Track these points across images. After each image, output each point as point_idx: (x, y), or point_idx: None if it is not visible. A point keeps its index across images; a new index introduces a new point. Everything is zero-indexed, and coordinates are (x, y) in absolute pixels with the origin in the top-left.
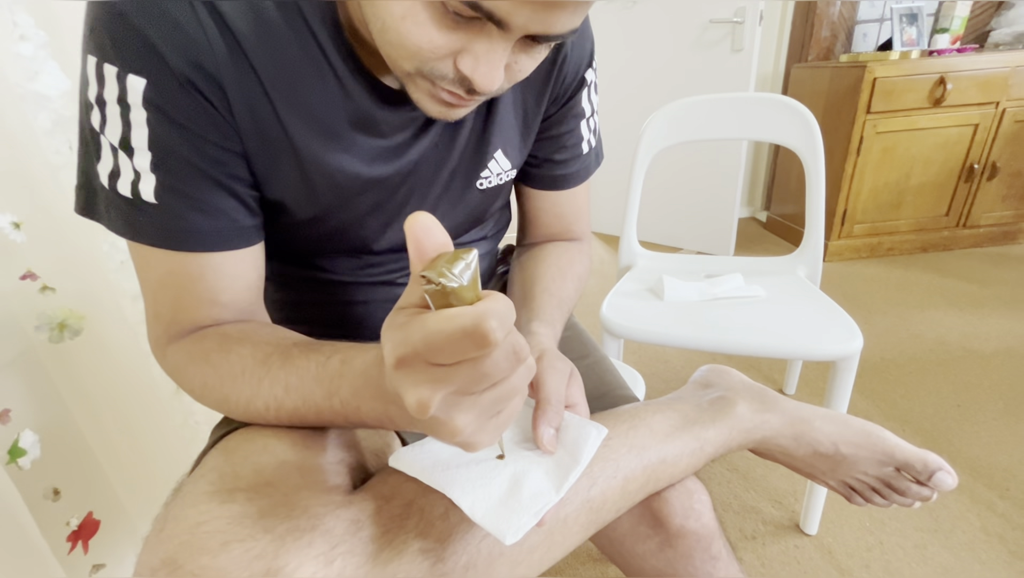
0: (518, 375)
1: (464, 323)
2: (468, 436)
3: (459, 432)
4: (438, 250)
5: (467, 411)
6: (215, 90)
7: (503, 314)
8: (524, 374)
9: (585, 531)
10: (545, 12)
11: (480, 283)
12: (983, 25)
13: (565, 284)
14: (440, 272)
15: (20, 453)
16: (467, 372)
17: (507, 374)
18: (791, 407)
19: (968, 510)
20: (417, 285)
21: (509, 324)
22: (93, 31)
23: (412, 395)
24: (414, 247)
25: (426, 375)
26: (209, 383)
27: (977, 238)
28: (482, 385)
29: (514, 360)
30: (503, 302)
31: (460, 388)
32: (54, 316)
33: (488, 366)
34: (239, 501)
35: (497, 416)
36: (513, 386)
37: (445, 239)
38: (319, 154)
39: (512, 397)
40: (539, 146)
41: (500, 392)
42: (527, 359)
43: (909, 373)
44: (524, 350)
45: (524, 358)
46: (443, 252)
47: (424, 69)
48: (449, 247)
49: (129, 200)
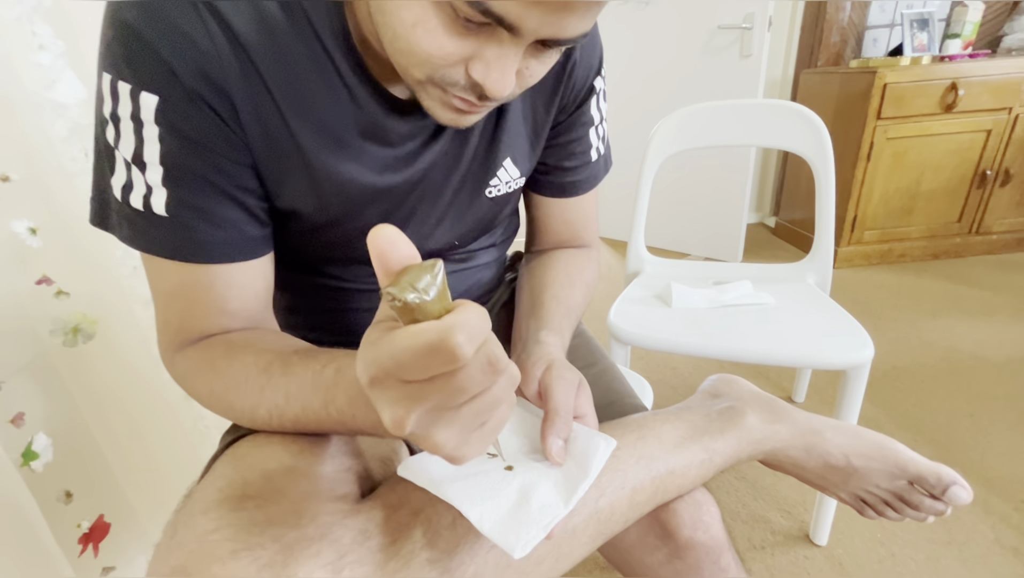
0: (499, 385)
1: (429, 338)
2: (451, 450)
3: (441, 447)
4: (403, 263)
5: (447, 426)
6: (225, 103)
7: (472, 326)
8: (505, 384)
9: (593, 542)
10: (556, 16)
11: (449, 295)
12: (996, 30)
13: (574, 291)
14: (403, 287)
15: (33, 456)
16: (441, 388)
17: (485, 386)
18: (802, 418)
19: (982, 522)
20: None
21: (480, 336)
22: (109, 48)
23: (387, 414)
24: (378, 261)
25: (400, 393)
26: (215, 390)
27: (990, 245)
28: (459, 399)
29: (490, 371)
30: (474, 313)
31: (436, 404)
32: (68, 320)
33: (462, 380)
34: (248, 509)
35: (481, 428)
36: (494, 397)
37: (411, 252)
38: (328, 163)
39: (495, 408)
40: (548, 153)
41: (480, 404)
42: (507, 369)
43: (921, 382)
44: (501, 361)
45: (502, 369)
46: (409, 265)
47: (435, 76)
48: (416, 259)
49: (141, 213)
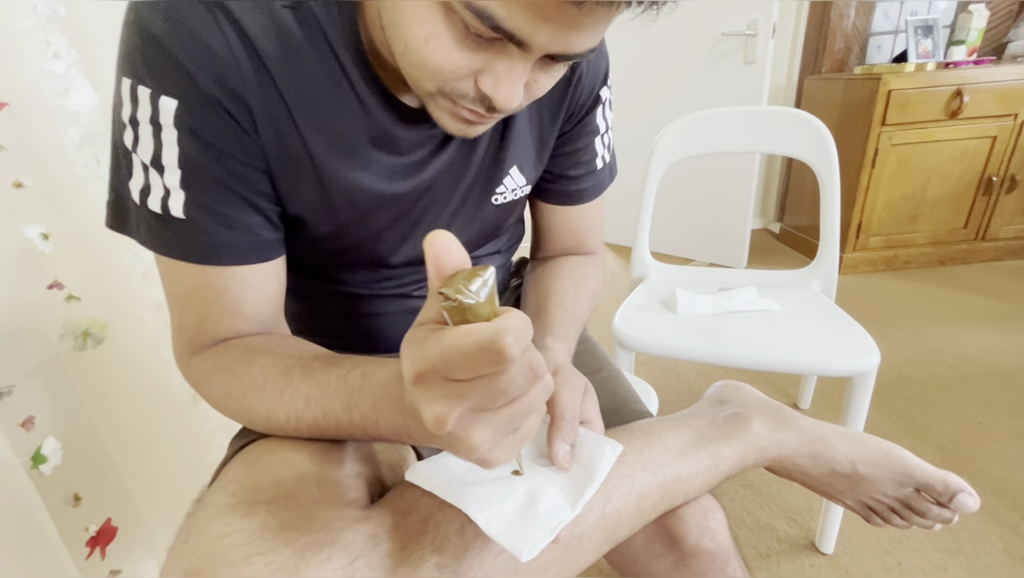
0: (535, 392)
1: (481, 339)
2: (485, 452)
3: (476, 448)
4: (456, 267)
5: (484, 427)
6: (242, 110)
7: (520, 330)
8: (541, 391)
9: (600, 548)
10: (565, 33)
11: (497, 300)
12: (1001, 36)
13: (579, 298)
14: (457, 289)
15: (42, 460)
16: (484, 388)
17: (524, 391)
18: (808, 425)
19: (990, 531)
20: (435, 301)
21: (526, 341)
22: (129, 54)
23: (430, 411)
24: (433, 264)
25: (444, 391)
26: (232, 394)
27: (996, 251)
28: (499, 401)
29: (531, 377)
30: (520, 319)
31: (477, 404)
32: (78, 325)
33: (505, 382)
34: (260, 514)
35: (514, 433)
36: (530, 403)
37: (463, 256)
38: (339, 171)
39: (529, 414)
40: (554, 162)
41: (517, 409)
42: (544, 376)
43: (928, 389)
44: (541, 367)
45: (541, 375)
46: (461, 269)
47: (446, 89)
48: (467, 264)
49: (159, 216)
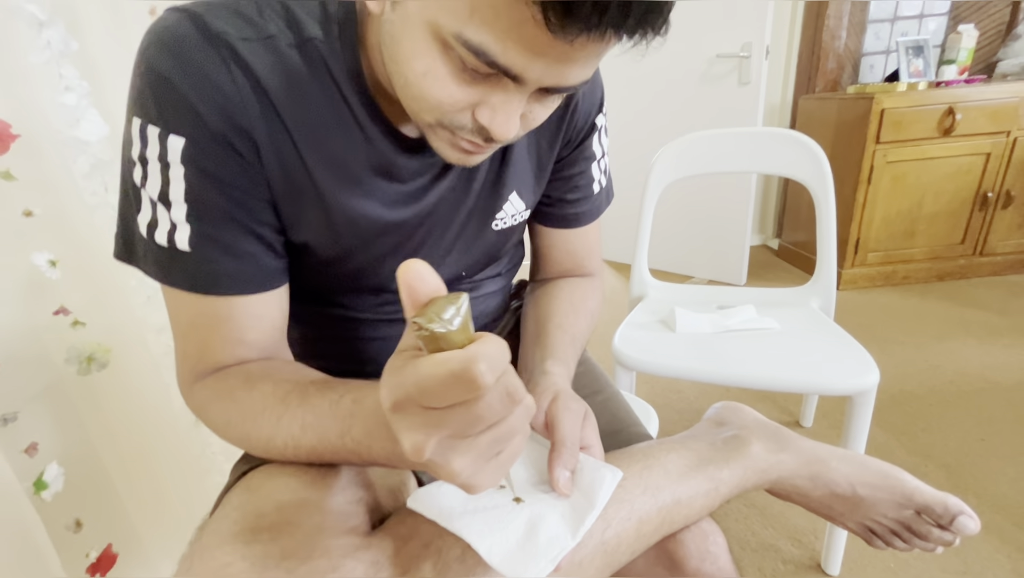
0: (515, 416)
1: (453, 367)
2: (467, 478)
3: (457, 475)
4: (430, 296)
5: (464, 454)
6: (247, 144)
7: (493, 357)
8: (522, 414)
9: (600, 574)
10: (558, 67)
11: (472, 326)
12: (990, 56)
13: (578, 320)
14: (430, 318)
15: (44, 486)
16: (461, 415)
17: (502, 416)
18: (807, 447)
19: (997, 551)
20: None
21: (500, 366)
22: (140, 95)
23: (408, 440)
24: (406, 294)
25: (421, 419)
26: (233, 420)
27: (995, 266)
28: (477, 428)
29: (508, 402)
30: (494, 345)
31: (455, 432)
32: (83, 349)
33: (481, 409)
34: (263, 541)
35: (497, 457)
36: (511, 427)
37: (438, 284)
38: (342, 199)
39: (511, 438)
40: (552, 187)
41: (497, 434)
42: (524, 400)
43: (929, 405)
44: (519, 391)
45: (520, 400)
46: (435, 297)
47: (444, 120)
48: (442, 291)
49: (165, 249)
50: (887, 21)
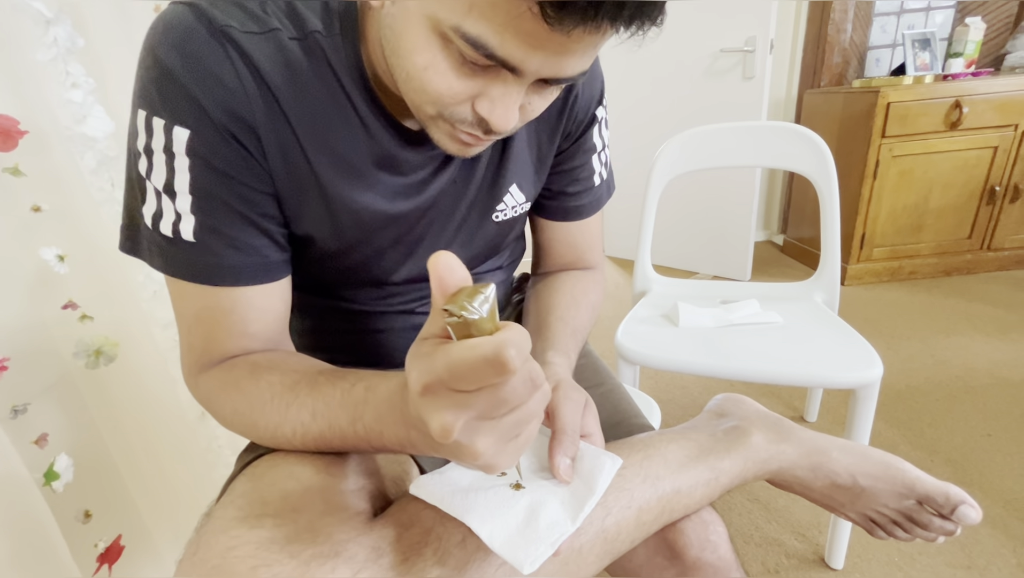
0: (535, 400)
1: (485, 352)
2: (488, 458)
3: (480, 455)
4: (459, 285)
5: (487, 435)
6: (251, 137)
7: (520, 343)
8: (540, 399)
9: (600, 561)
10: (556, 59)
11: (498, 315)
12: (998, 48)
13: (579, 313)
14: (461, 306)
15: (55, 476)
16: (487, 398)
17: (525, 399)
18: (808, 437)
19: (1003, 546)
20: (440, 318)
21: (526, 353)
22: (145, 88)
23: (436, 420)
24: (437, 284)
25: (449, 401)
26: (239, 409)
27: (1002, 261)
28: (501, 410)
29: (531, 386)
30: (520, 332)
31: (481, 413)
32: (91, 343)
33: (507, 392)
34: (267, 526)
35: (515, 439)
36: (530, 410)
37: (465, 275)
38: (345, 192)
39: (529, 421)
40: (552, 179)
41: (518, 416)
42: (543, 385)
43: (936, 401)
44: (540, 377)
45: (540, 384)
46: (463, 287)
47: (445, 113)
48: (468, 282)
49: (170, 239)
50: (893, 14)
